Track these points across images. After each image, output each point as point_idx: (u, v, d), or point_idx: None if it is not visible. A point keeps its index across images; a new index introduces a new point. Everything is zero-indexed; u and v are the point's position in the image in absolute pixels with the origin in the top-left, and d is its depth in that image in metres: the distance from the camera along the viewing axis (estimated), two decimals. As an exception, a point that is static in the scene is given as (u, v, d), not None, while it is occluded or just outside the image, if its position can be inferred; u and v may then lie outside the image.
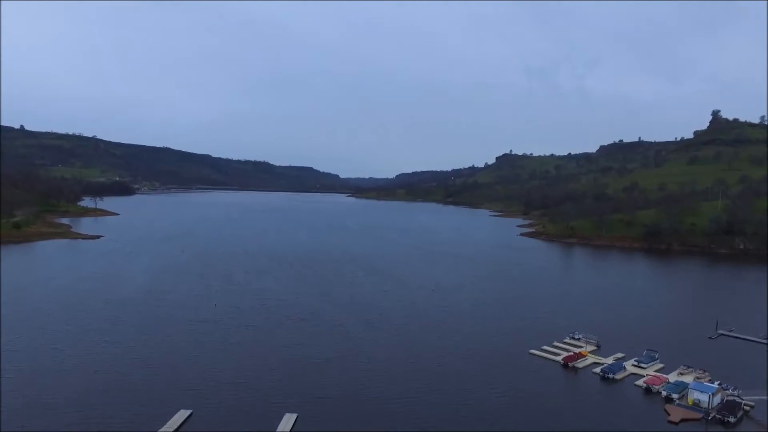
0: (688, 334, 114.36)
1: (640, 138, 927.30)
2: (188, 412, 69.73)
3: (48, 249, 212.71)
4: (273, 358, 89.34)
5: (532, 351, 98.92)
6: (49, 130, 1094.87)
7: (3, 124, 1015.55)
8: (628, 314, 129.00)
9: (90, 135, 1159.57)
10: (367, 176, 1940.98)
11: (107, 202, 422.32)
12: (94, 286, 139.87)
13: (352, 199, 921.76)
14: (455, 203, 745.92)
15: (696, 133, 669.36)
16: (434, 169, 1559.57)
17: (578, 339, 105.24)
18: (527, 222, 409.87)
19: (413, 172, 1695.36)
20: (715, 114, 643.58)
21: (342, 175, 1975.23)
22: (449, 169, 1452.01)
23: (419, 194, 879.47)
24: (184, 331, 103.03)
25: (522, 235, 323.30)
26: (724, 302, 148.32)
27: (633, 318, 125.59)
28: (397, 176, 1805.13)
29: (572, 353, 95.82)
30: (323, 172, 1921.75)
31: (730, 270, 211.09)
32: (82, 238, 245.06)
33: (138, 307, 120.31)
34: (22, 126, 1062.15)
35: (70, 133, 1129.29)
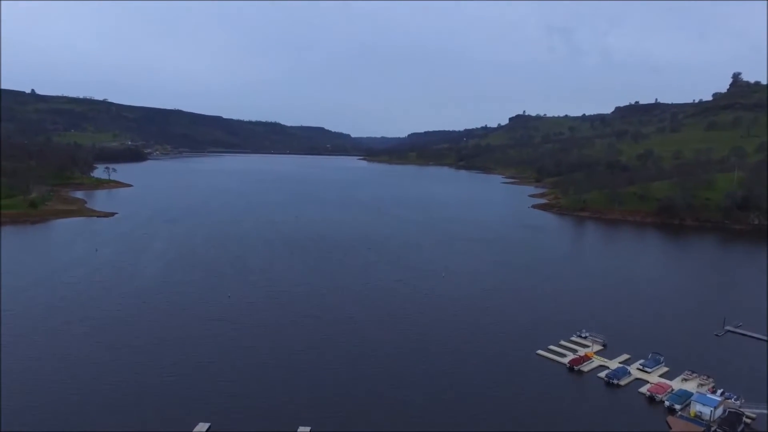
0: (695, 329, 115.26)
1: (657, 100, 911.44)
2: (207, 425, 72.72)
3: (64, 230, 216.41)
4: (288, 365, 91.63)
5: (539, 352, 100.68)
6: (59, 94, 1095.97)
7: (14, 89, 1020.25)
8: (636, 305, 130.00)
9: (100, 98, 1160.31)
10: (378, 135, 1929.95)
11: (120, 171, 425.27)
12: (109, 277, 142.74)
13: (364, 163, 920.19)
14: (467, 167, 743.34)
15: (715, 95, 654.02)
16: (446, 129, 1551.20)
17: (585, 337, 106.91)
18: (540, 191, 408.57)
19: (425, 132, 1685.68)
20: (736, 76, 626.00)
21: (353, 135, 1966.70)
22: (461, 129, 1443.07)
23: (431, 157, 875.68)
24: (199, 333, 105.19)
25: (534, 207, 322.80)
26: (733, 288, 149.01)
27: (640, 309, 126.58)
28: (408, 136, 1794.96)
29: (578, 356, 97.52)
30: (335, 132, 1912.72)
31: (743, 249, 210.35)
32: (97, 216, 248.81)
33: (152, 302, 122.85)
34: (33, 90, 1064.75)
35: (81, 96, 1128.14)
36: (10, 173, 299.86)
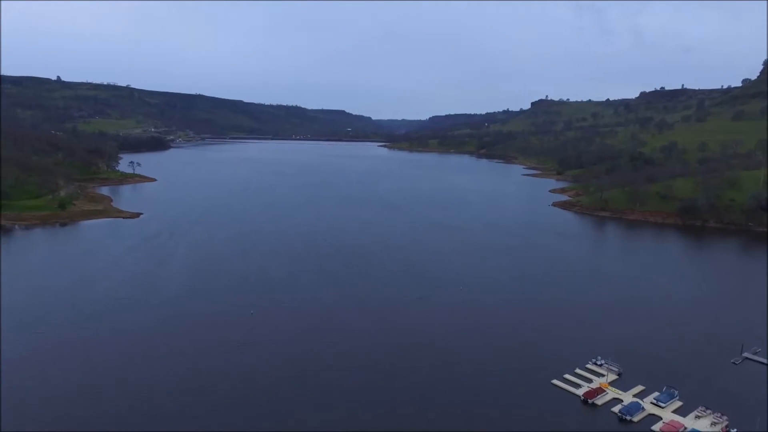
0: (713, 354, 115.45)
1: (683, 85, 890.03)
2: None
3: (91, 234, 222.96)
4: (312, 398, 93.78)
5: (554, 381, 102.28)
6: (84, 81, 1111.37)
7: (40, 75, 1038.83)
8: (653, 325, 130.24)
9: (124, 84, 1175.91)
10: (399, 118, 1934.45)
11: (144, 164, 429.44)
12: (132, 294, 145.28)
13: (385, 151, 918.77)
14: (489, 156, 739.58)
15: (745, 82, 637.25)
16: (468, 112, 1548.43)
17: (600, 365, 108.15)
18: (561, 186, 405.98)
19: (446, 115, 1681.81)
20: (767, 63, 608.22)
21: (374, 117, 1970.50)
22: (483, 112, 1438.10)
23: (452, 145, 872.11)
24: (223, 361, 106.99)
25: (555, 204, 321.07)
26: (754, 303, 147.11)
27: (657, 331, 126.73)
28: (430, 118, 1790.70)
29: (592, 389, 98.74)
30: (355, 115, 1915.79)
31: (764, 256, 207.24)
32: (123, 217, 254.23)
33: (175, 324, 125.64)
34: (58, 77, 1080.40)
35: (105, 83, 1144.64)
36: (39, 170, 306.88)
